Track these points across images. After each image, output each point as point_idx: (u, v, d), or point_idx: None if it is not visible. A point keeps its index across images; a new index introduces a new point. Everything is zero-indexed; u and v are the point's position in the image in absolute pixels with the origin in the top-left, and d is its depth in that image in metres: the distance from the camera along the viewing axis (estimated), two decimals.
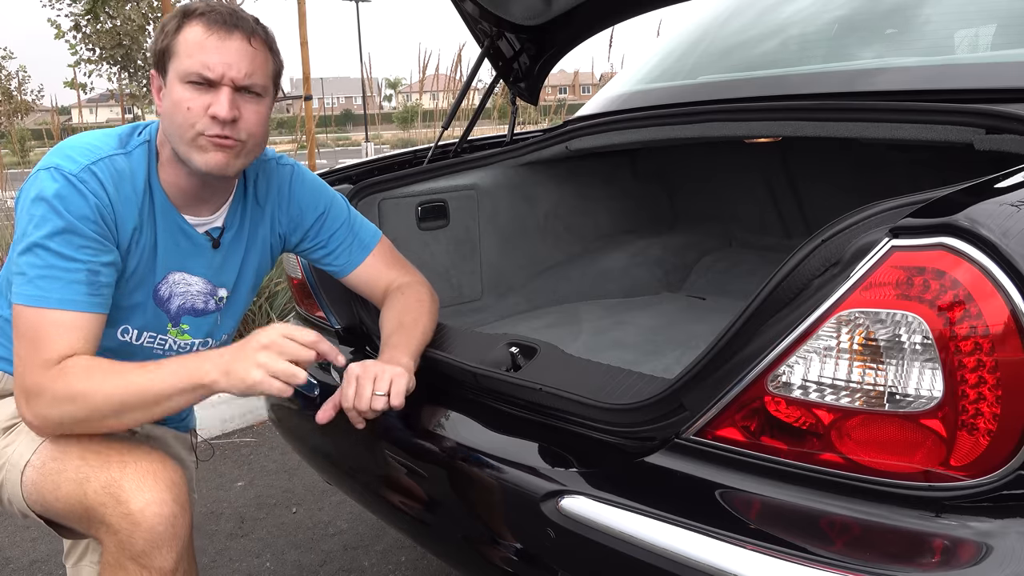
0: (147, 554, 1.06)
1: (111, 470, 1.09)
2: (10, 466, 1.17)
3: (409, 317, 1.37)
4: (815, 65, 1.72)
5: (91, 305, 1.11)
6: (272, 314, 3.41)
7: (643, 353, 1.68)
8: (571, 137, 1.97)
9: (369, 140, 12.39)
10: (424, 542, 1.45)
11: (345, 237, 1.42)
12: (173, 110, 1.14)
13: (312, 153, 5.14)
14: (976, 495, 0.81)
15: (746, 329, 0.91)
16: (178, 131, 1.14)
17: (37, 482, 1.14)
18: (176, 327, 1.29)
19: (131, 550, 1.06)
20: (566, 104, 8.11)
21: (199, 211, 1.26)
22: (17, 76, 13.09)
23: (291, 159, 1.42)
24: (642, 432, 1.04)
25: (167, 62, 1.14)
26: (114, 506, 1.06)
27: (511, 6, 1.89)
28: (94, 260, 1.12)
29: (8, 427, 1.21)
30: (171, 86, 1.14)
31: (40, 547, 2.08)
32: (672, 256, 2.30)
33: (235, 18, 1.14)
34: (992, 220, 0.78)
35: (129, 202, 1.17)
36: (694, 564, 0.87)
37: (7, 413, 1.22)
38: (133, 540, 1.06)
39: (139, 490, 1.07)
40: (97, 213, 1.12)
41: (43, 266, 1.09)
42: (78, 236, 1.10)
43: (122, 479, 1.08)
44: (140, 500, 1.06)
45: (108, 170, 1.15)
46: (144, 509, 1.06)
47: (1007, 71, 1.38)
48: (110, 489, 1.07)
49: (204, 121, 1.13)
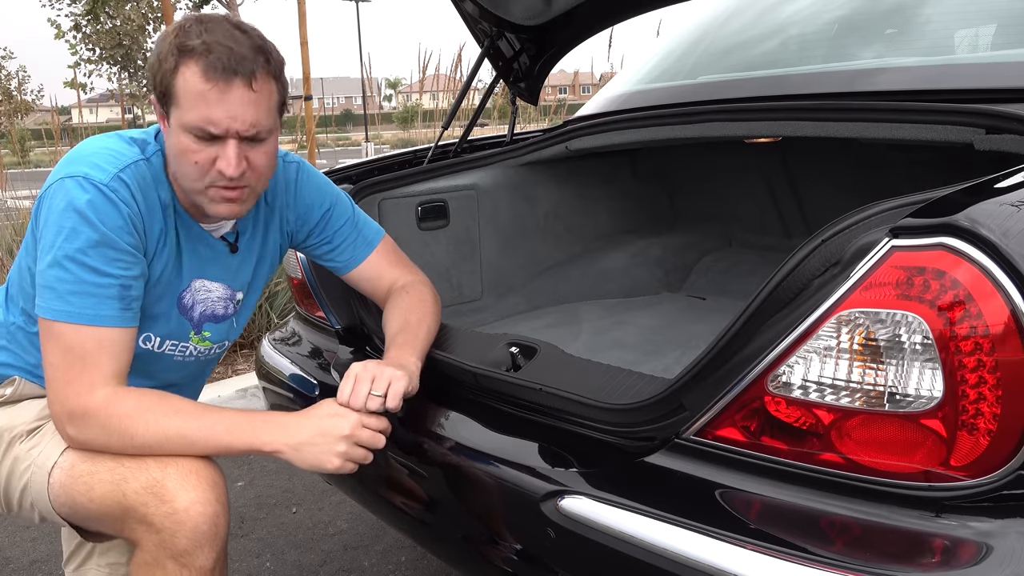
0: (189, 553, 1.07)
1: (151, 470, 1.09)
2: (36, 468, 1.16)
3: (414, 317, 1.37)
4: (815, 65, 1.72)
5: (124, 320, 1.11)
6: (272, 314, 3.41)
7: (643, 353, 1.68)
8: (571, 137, 1.97)
9: (369, 140, 12.38)
10: (424, 542, 1.45)
11: (349, 234, 1.41)
12: (180, 157, 1.11)
13: (312, 153, 5.15)
14: (976, 495, 0.81)
15: (746, 329, 0.91)
16: (186, 179, 1.14)
17: (66, 484, 1.13)
18: (198, 334, 1.30)
19: (173, 549, 1.06)
20: (566, 104, 8.10)
21: (212, 218, 1.25)
22: (17, 76, 13.10)
23: (296, 156, 1.41)
24: (642, 432, 1.04)
25: (168, 103, 1.10)
26: (157, 505, 1.06)
27: (511, 6, 1.89)
28: (126, 274, 1.11)
29: (32, 429, 1.20)
30: (175, 131, 1.10)
31: (40, 547, 2.08)
32: (672, 256, 2.30)
33: (234, 61, 1.06)
34: (992, 220, 0.78)
35: (155, 210, 1.16)
36: (694, 564, 0.87)
37: (30, 415, 1.21)
38: (176, 539, 1.06)
39: (183, 489, 1.07)
40: (130, 223, 1.11)
41: (74, 281, 1.07)
42: (112, 249, 1.09)
43: (164, 479, 1.08)
44: (185, 499, 1.06)
45: (135, 177, 1.13)
46: (189, 508, 1.06)
47: (1007, 71, 1.38)
48: (153, 489, 1.07)
49: (213, 174, 1.11)
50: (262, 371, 1.74)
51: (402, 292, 1.42)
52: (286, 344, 1.75)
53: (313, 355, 1.65)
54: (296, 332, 1.79)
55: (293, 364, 1.63)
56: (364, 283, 1.45)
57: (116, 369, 1.10)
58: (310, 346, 1.69)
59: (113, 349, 1.10)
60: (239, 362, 3.33)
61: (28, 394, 1.24)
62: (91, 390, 1.08)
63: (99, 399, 1.08)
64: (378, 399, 1.17)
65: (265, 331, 2.72)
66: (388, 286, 1.44)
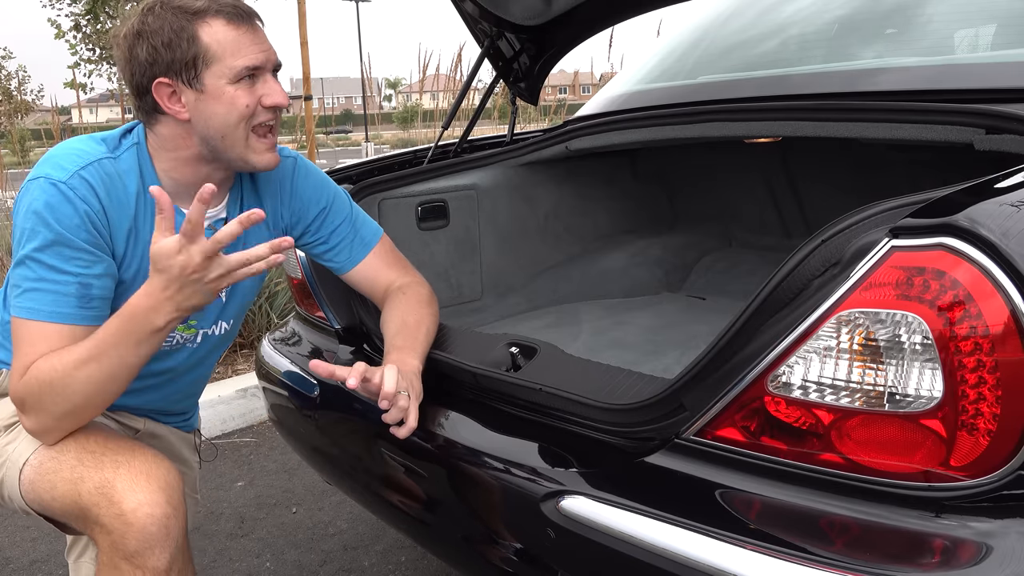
0: (140, 554, 1.06)
1: (105, 470, 1.09)
2: (10, 464, 1.18)
3: (412, 318, 1.36)
4: (815, 65, 1.72)
5: (82, 318, 1.11)
6: (272, 314, 3.41)
7: (643, 353, 1.68)
8: (571, 137, 1.97)
9: (369, 140, 12.39)
10: (424, 542, 1.45)
11: (347, 234, 1.41)
12: (227, 110, 1.14)
13: (312, 153, 5.15)
14: (976, 495, 0.81)
15: (746, 329, 0.91)
16: (233, 133, 1.15)
17: (34, 481, 1.14)
18: (184, 323, 1.27)
19: (124, 550, 1.06)
20: (566, 104, 8.10)
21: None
22: (17, 76, 13.10)
23: (293, 151, 1.41)
24: (642, 432, 1.04)
25: (199, 69, 1.12)
26: (107, 506, 1.07)
27: (511, 6, 1.89)
28: (85, 272, 1.11)
29: (9, 425, 1.22)
30: (216, 90, 1.13)
31: (40, 547, 2.08)
32: (672, 256, 2.30)
33: (241, 7, 1.16)
34: (992, 220, 0.78)
35: (122, 206, 1.16)
36: (694, 564, 0.87)
37: (7, 412, 1.23)
38: (126, 540, 1.06)
39: (131, 491, 1.07)
40: (88, 221, 1.11)
41: (34, 279, 1.09)
42: (68, 247, 1.10)
43: (115, 479, 1.08)
44: (132, 501, 1.06)
45: (98, 175, 1.14)
46: (136, 510, 1.06)
47: (1007, 71, 1.38)
48: (103, 489, 1.07)
49: (260, 112, 1.16)
50: (262, 371, 1.74)
51: (399, 293, 1.41)
52: (286, 344, 1.75)
53: (313, 355, 1.65)
54: (296, 332, 1.79)
55: (293, 364, 1.63)
56: (362, 283, 1.45)
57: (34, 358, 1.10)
58: (310, 346, 1.69)
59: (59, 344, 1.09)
60: (239, 362, 3.33)
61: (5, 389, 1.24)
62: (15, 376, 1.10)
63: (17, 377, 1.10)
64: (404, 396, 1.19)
65: (265, 331, 2.72)
66: (385, 287, 1.44)
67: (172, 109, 1.15)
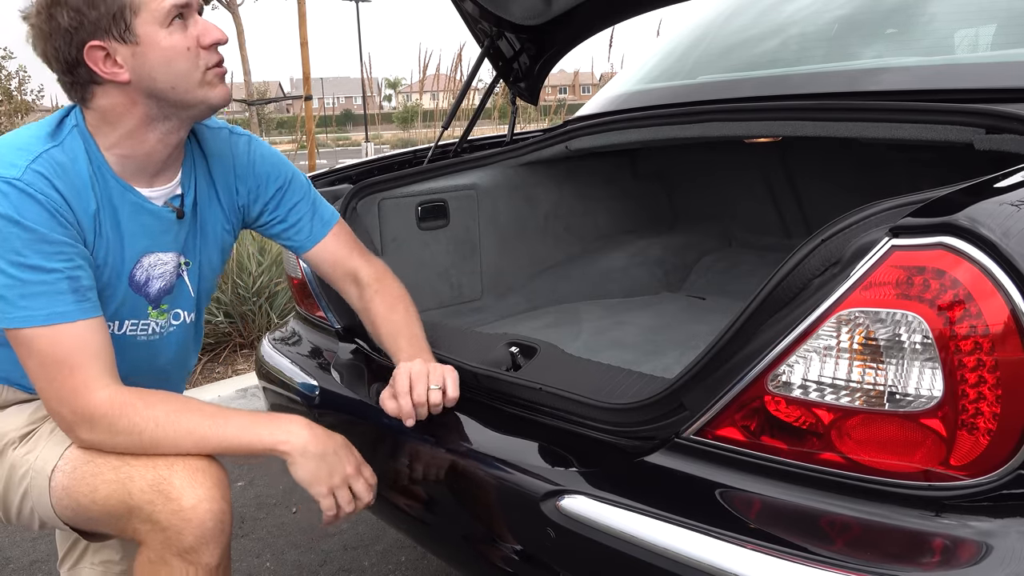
0: (195, 550, 1.07)
1: (157, 468, 1.08)
2: (34, 473, 1.14)
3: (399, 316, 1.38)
4: (815, 65, 1.72)
5: (84, 312, 1.08)
6: (272, 314, 3.41)
7: (643, 353, 1.68)
8: (571, 137, 1.97)
9: (369, 140, 12.39)
10: (424, 542, 1.45)
11: (306, 212, 1.39)
12: (169, 58, 1.09)
13: (312, 153, 5.15)
14: (976, 495, 0.81)
15: (746, 329, 0.91)
16: (182, 77, 1.11)
17: (69, 487, 1.11)
18: (156, 308, 1.26)
19: (179, 546, 1.06)
20: (566, 104, 8.10)
21: (157, 181, 1.21)
22: (17, 76, 13.08)
23: (245, 130, 1.39)
24: (642, 432, 1.04)
25: (129, 20, 1.06)
26: (164, 503, 1.06)
27: (511, 6, 1.89)
28: (69, 265, 1.08)
29: (26, 434, 1.19)
30: (151, 38, 1.08)
31: (40, 547, 2.08)
32: (672, 256, 2.30)
33: None
34: (992, 220, 0.78)
35: (80, 193, 1.12)
36: (694, 564, 0.87)
37: (20, 421, 1.20)
38: (182, 537, 1.06)
39: (190, 487, 1.07)
40: (55, 214, 1.07)
41: (20, 284, 1.04)
42: (46, 243, 1.06)
43: (171, 476, 1.07)
44: (192, 497, 1.06)
45: (49, 166, 1.09)
46: (197, 506, 1.06)
47: (1007, 71, 1.38)
48: (159, 487, 1.07)
49: (205, 55, 1.12)
50: (262, 371, 1.74)
51: (375, 294, 1.40)
52: (286, 344, 1.75)
53: (313, 355, 1.65)
54: (296, 332, 1.79)
55: (293, 364, 1.63)
56: (324, 264, 1.43)
57: (103, 365, 1.08)
58: (310, 346, 1.69)
59: (87, 344, 1.07)
60: (239, 362, 3.33)
61: (13, 400, 1.22)
62: (88, 391, 1.06)
63: (101, 399, 1.07)
64: (438, 392, 1.22)
65: (265, 331, 2.73)
66: (350, 273, 1.42)
67: (110, 72, 1.08)
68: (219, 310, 3.40)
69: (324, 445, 1.14)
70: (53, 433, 1.17)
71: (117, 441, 1.09)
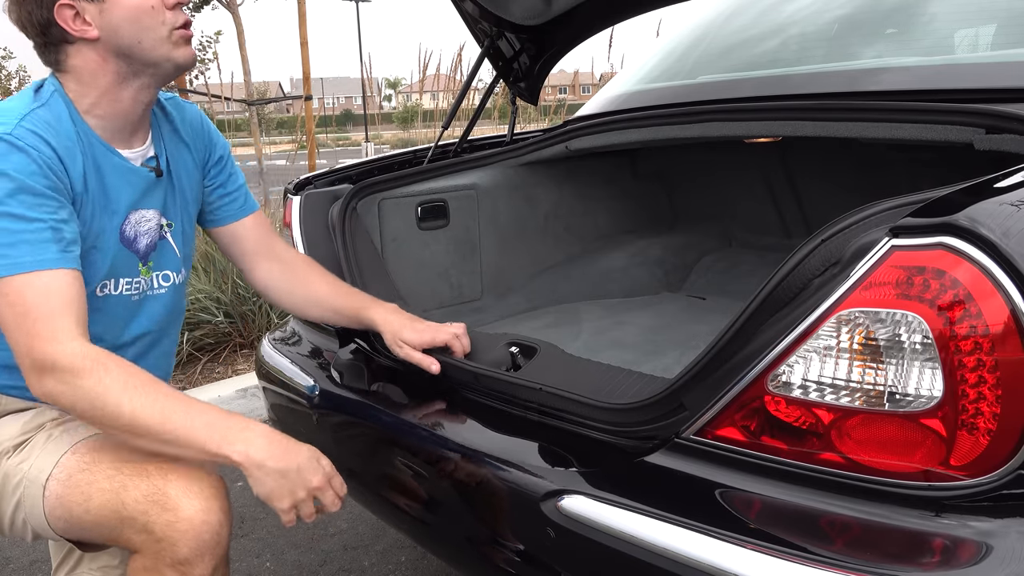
0: (189, 562, 1.06)
1: (152, 478, 1.08)
2: (28, 482, 1.13)
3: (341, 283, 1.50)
4: (815, 65, 1.72)
5: (66, 262, 1.08)
6: (272, 314, 3.41)
7: (643, 353, 1.68)
8: (571, 137, 1.97)
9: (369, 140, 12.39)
10: (424, 542, 1.45)
11: (242, 184, 1.47)
12: (135, 14, 1.14)
13: (312, 153, 5.14)
14: (976, 495, 0.81)
15: (746, 329, 0.91)
16: (148, 33, 1.15)
17: (63, 495, 1.11)
18: (145, 265, 1.28)
19: (173, 557, 1.05)
20: (566, 104, 8.09)
21: (132, 143, 1.25)
22: (17, 76, 13.07)
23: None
24: (642, 432, 1.04)
25: None
26: (159, 513, 1.05)
27: (511, 6, 1.89)
28: (53, 217, 1.08)
29: (20, 444, 1.18)
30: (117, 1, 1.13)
31: (40, 547, 2.08)
32: (672, 256, 2.30)
33: None
34: (992, 220, 0.78)
35: (69, 150, 1.14)
36: (694, 564, 0.87)
37: (14, 430, 1.19)
38: (177, 548, 1.05)
39: (186, 497, 1.06)
40: (44, 167, 1.09)
41: (4, 233, 1.05)
42: (30, 195, 1.07)
43: (166, 487, 1.07)
44: (189, 508, 1.06)
45: (40, 122, 1.12)
46: (193, 517, 1.05)
47: (1007, 71, 1.38)
48: (154, 497, 1.06)
49: (172, 15, 1.17)
50: (262, 371, 1.74)
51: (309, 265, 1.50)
52: (286, 344, 1.75)
53: (313, 355, 1.65)
54: (296, 332, 1.79)
55: (293, 364, 1.63)
56: (247, 241, 1.46)
57: (75, 319, 1.07)
58: (310, 346, 1.69)
59: (64, 295, 1.06)
60: (239, 362, 3.33)
61: (7, 409, 1.22)
62: (54, 340, 1.04)
63: (73, 350, 1.04)
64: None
65: (265, 331, 2.72)
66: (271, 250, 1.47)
67: (79, 30, 1.13)
68: (219, 310, 3.40)
69: (286, 461, 1.08)
70: (48, 442, 1.17)
71: (77, 396, 1.04)
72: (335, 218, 1.66)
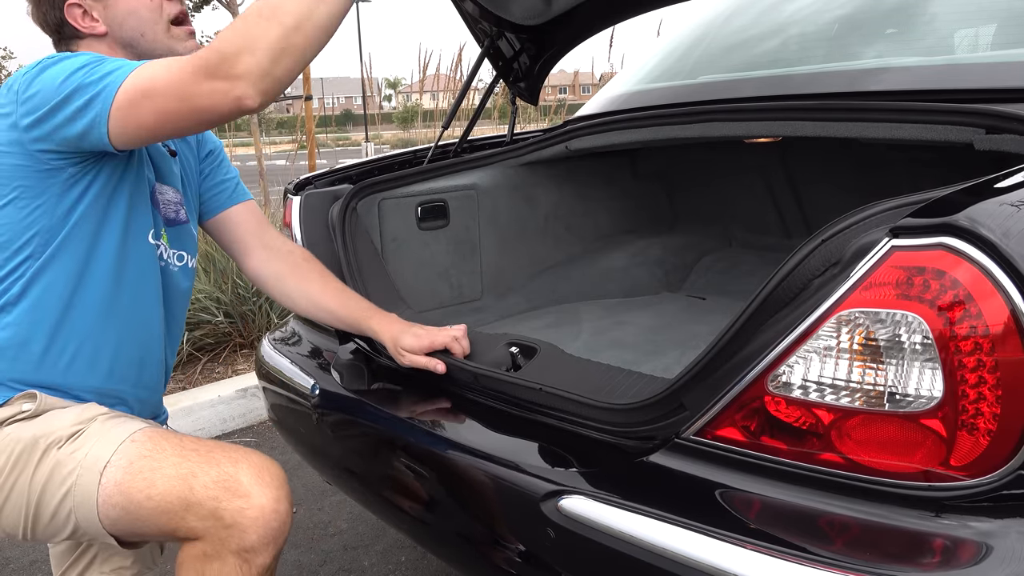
0: (256, 549, 1.07)
1: (222, 465, 1.09)
2: (82, 470, 1.11)
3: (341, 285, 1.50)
4: (815, 65, 1.72)
5: None
6: (272, 314, 3.41)
7: (643, 353, 1.68)
8: (571, 137, 1.97)
9: (369, 140, 12.38)
10: (424, 542, 1.45)
11: (234, 176, 1.50)
12: (135, 8, 1.21)
13: (312, 153, 5.14)
14: (976, 495, 0.81)
15: (746, 329, 0.91)
16: (148, 25, 1.23)
17: (123, 482, 1.10)
18: (168, 232, 1.32)
19: (240, 544, 1.06)
20: (566, 104, 8.09)
21: None
22: None
23: None
24: (642, 432, 1.04)
25: None
26: (229, 500, 1.07)
27: (511, 6, 1.89)
28: None
29: (73, 433, 1.15)
30: None
31: (40, 547, 2.08)
32: (672, 256, 2.30)
33: None
34: (992, 220, 0.78)
35: None
36: (694, 564, 0.87)
37: (68, 420, 1.16)
38: (246, 535, 1.06)
39: (258, 485, 1.08)
40: None
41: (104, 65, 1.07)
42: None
43: (238, 474, 1.08)
44: (260, 496, 1.07)
45: None
46: (265, 505, 1.07)
47: (1007, 71, 1.38)
48: (226, 483, 1.08)
49: (167, 5, 1.24)
50: (262, 371, 1.74)
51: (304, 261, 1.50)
52: (286, 344, 1.75)
53: (313, 355, 1.65)
54: (296, 332, 1.79)
55: (293, 364, 1.63)
56: (239, 229, 1.48)
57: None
58: (310, 346, 1.69)
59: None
60: (239, 362, 3.33)
61: (52, 406, 1.19)
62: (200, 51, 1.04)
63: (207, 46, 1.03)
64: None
65: (265, 331, 2.72)
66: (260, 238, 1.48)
67: (88, 27, 1.21)
68: (219, 310, 3.40)
69: None
70: (104, 432, 1.15)
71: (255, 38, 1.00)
72: (335, 218, 1.66)
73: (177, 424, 2.63)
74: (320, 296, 1.46)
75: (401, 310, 1.56)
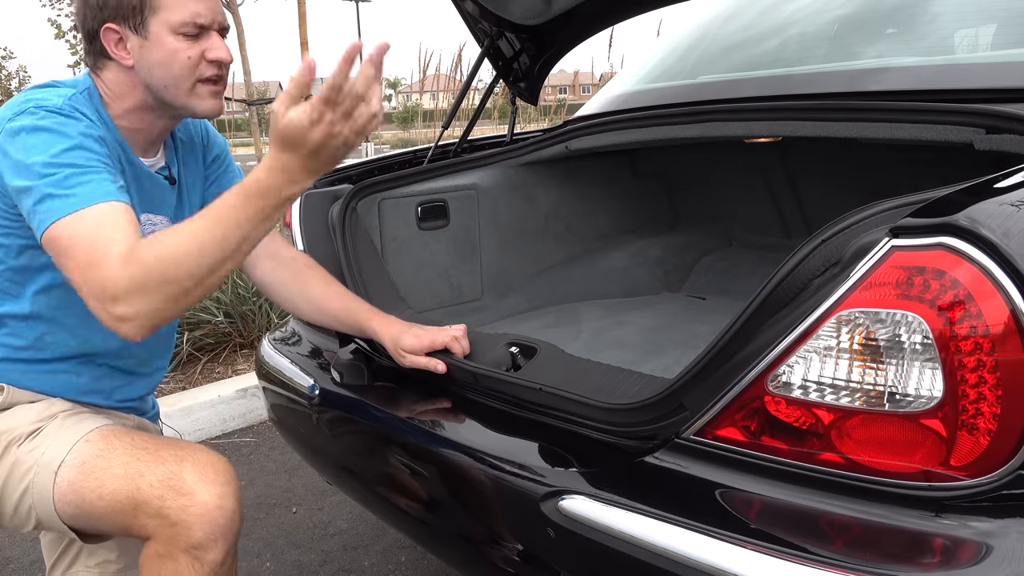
0: (203, 546, 1.07)
1: (167, 464, 1.10)
2: (39, 468, 1.14)
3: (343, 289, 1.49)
4: (815, 65, 1.72)
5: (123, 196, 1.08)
6: (272, 314, 3.41)
7: (643, 353, 1.68)
8: (571, 137, 1.97)
9: (369, 140, 12.38)
10: (424, 542, 1.45)
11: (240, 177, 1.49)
12: (169, 60, 1.18)
13: None
14: (976, 495, 0.81)
15: (746, 329, 0.91)
16: (175, 81, 1.19)
17: (75, 481, 1.12)
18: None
19: (187, 542, 1.07)
20: (566, 104, 8.09)
21: (149, 153, 1.30)
22: (17, 76, 13.08)
23: None
24: (642, 432, 1.04)
25: (146, 16, 1.16)
26: (174, 498, 1.07)
27: (511, 6, 1.89)
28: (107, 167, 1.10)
29: (33, 431, 1.19)
30: (159, 39, 1.17)
31: (40, 547, 2.07)
32: (672, 256, 2.30)
33: None
34: (992, 220, 0.78)
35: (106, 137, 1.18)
36: (694, 564, 0.87)
37: (29, 418, 1.20)
38: (192, 532, 1.07)
39: (201, 483, 1.08)
40: (95, 138, 1.12)
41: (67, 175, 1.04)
42: (88, 151, 1.09)
43: (182, 472, 1.09)
44: (204, 493, 1.08)
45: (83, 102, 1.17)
46: (208, 502, 1.08)
47: (1007, 71, 1.38)
48: (170, 482, 1.08)
49: (204, 67, 1.20)
50: (262, 371, 1.74)
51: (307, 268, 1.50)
52: (286, 344, 1.75)
53: (313, 355, 1.65)
54: (296, 332, 1.79)
55: (293, 364, 1.63)
56: None
57: (130, 240, 1.02)
58: (310, 346, 1.69)
59: (129, 220, 1.04)
60: (239, 362, 3.33)
61: (19, 400, 1.23)
62: (120, 263, 0.99)
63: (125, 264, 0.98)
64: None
65: (265, 331, 2.72)
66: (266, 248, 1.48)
67: (118, 55, 1.19)
68: (219, 310, 3.40)
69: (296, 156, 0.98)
70: (60, 430, 1.18)
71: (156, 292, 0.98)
72: (335, 218, 1.66)
73: (177, 424, 2.63)
74: (322, 300, 1.47)
75: (401, 310, 1.56)
